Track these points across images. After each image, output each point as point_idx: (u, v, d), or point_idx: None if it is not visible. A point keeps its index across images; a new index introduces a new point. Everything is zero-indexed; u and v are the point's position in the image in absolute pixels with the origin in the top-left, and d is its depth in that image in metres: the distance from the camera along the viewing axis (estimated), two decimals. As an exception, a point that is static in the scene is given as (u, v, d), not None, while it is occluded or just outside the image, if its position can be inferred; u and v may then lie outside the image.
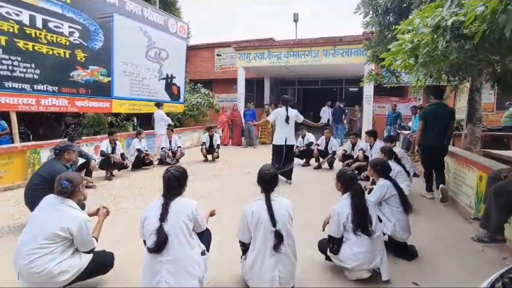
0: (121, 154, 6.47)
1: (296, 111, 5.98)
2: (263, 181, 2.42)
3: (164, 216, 2.10)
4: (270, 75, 15.33)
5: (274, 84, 16.31)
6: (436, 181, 4.97)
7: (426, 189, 5.09)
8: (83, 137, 6.87)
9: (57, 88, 6.72)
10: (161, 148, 7.82)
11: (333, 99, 13.65)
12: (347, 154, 6.82)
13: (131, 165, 6.96)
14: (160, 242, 2.04)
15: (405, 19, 3.21)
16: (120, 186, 5.74)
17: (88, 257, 2.30)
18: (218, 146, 8.37)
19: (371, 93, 10.96)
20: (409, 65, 3.15)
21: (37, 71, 6.30)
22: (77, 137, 5.87)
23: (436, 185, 4.96)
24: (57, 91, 6.72)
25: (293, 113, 5.85)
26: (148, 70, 9.44)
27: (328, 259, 2.69)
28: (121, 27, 8.19)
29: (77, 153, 4.41)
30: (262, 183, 2.43)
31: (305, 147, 7.64)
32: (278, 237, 2.22)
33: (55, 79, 6.67)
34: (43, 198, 2.37)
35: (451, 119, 4.76)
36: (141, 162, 7.19)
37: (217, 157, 8.34)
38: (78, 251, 2.28)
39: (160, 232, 2.06)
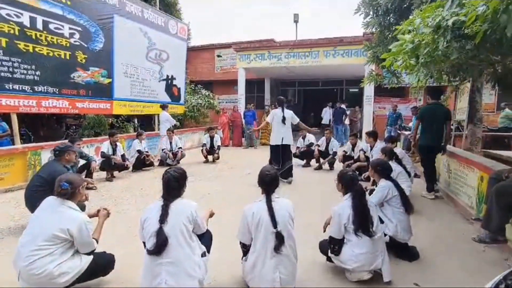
0: (121, 156, 6.48)
1: (291, 112, 6.07)
2: (263, 182, 2.41)
3: (164, 217, 2.09)
4: (271, 76, 15.34)
5: (274, 85, 16.32)
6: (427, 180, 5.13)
7: (427, 189, 5.08)
8: (83, 139, 6.88)
9: (57, 90, 6.72)
10: (162, 149, 7.83)
11: (333, 100, 13.65)
12: (347, 155, 6.82)
13: (131, 166, 6.97)
14: (160, 244, 2.03)
15: (406, 19, 3.20)
16: (120, 187, 5.74)
17: (89, 258, 2.30)
18: (218, 147, 8.37)
19: (371, 94, 10.97)
20: (410, 66, 3.13)
21: (38, 73, 6.30)
22: (78, 138, 5.89)
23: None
24: (57, 92, 6.73)
25: (289, 114, 5.95)
26: (148, 71, 9.44)
27: (329, 260, 2.68)
28: (121, 28, 8.20)
29: (77, 154, 4.42)
30: (262, 184, 2.43)
31: (305, 148, 7.64)
32: (279, 238, 2.22)
33: (55, 81, 6.67)
34: (43, 199, 2.36)
35: (447, 119, 4.89)
36: (141, 163, 7.20)
37: (218, 158, 8.34)
38: (78, 252, 2.28)
39: (160, 234, 2.05)
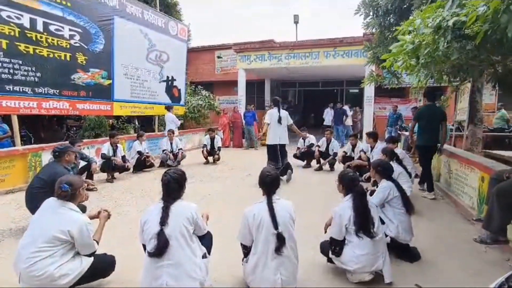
0: (122, 157, 6.48)
1: (287, 112, 6.25)
2: (264, 183, 2.41)
3: (164, 220, 2.08)
4: (271, 77, 15.34)
5: (274, 85, 16.32)
6: (422, 178, 5.22)
7: (427, 189, 5.08)
8: (84, 140, 6.88)
9: (58, 91, 6.72)
10: (163, 150, 7.83)
11: (334, 100, 13.65)
12: (347, 155, 6.81)
13: (132, 167, 6.97)
14: (161, 246, 2.02)
15: (406, 20, 3.20)
16: (121, 188, 5.73)
17: (89, 260, 2.29)
18: (219, 148, 8.37)
19: (371, 94, 10.96)
20: (410, 66, 3.13)
21: (38, 74, 6.30)
22: (79, 139, 5.89)
23: (421, 181, 5.27)
24: (58, 94, 6.72)
25: (284, 114, 6.11)
26: (148, 72, 9.44)
27: (330, 261, 2.68)
28: (121, 29, 8.20)
29: (77, 154, 4.41)
30: (263, 185, 2.42)
31: (306, 149, 7.64)
32: (280, 239, 2.21)
33: (56, 82, 6.66)
34: (44, 201, 2.36)
35: (443, 119, 5.00)
36: (142, 164, 7.19)
37: (218, 159, 8.33)
38: (79, 254, 2.28)
39: (161, 236, 2.04)
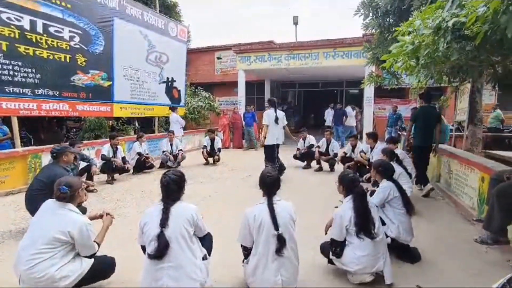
0: (122, 158, 6.48)
1: (283, 113, 6.32)
2: (265, 184, 2.40)
3: (164, 221, 2.07)
4: (271, 77, 15.35)
5: (274, 86, 16.32)
6: (418, 178, 5.29)
7: (423, 185, 5.23)
8: (84, 141, 6.88)
9: (58, 93, 6.72)
10: (163, 151, 7.82)
11: (334, 101, 13.65)
12: (347, 156, 6.81)
13: (132, 168, 6.97)
14: (161, 248, 2.01)
15: (405, 21, 3.20)
16: (121, 189, 5.73)
17: (89, 261, 2.29)
18: (219, 149, 8.36)
19: (371, 95, 10.96)
20: (410, 67, 3.13)
21: (38, 76, 6.30)
22: (78, 141, 5.89)
23: (417, 181, 5.35)
24: (58, 95, 6.73)
25: (280, 114, 6.19)
26: (148, 73, 9.45)
27: (331, 262, 2.67)
28: (121, 31, 8.21)
29: (77, 155, 4.39)
30: (264, 187, 2.42)
31: (306, 150, 7.63)
32: (281, 241, 2.21)
33: (56, 84, 6.66)
34: (44, 202, 2.36)
35: (438, 121, 5.13)
36: (142, 165, 7.19)
37: (218, 160, 8.33)
38: (79, 255, 2.27)
39: (161, 238, 2.02)
